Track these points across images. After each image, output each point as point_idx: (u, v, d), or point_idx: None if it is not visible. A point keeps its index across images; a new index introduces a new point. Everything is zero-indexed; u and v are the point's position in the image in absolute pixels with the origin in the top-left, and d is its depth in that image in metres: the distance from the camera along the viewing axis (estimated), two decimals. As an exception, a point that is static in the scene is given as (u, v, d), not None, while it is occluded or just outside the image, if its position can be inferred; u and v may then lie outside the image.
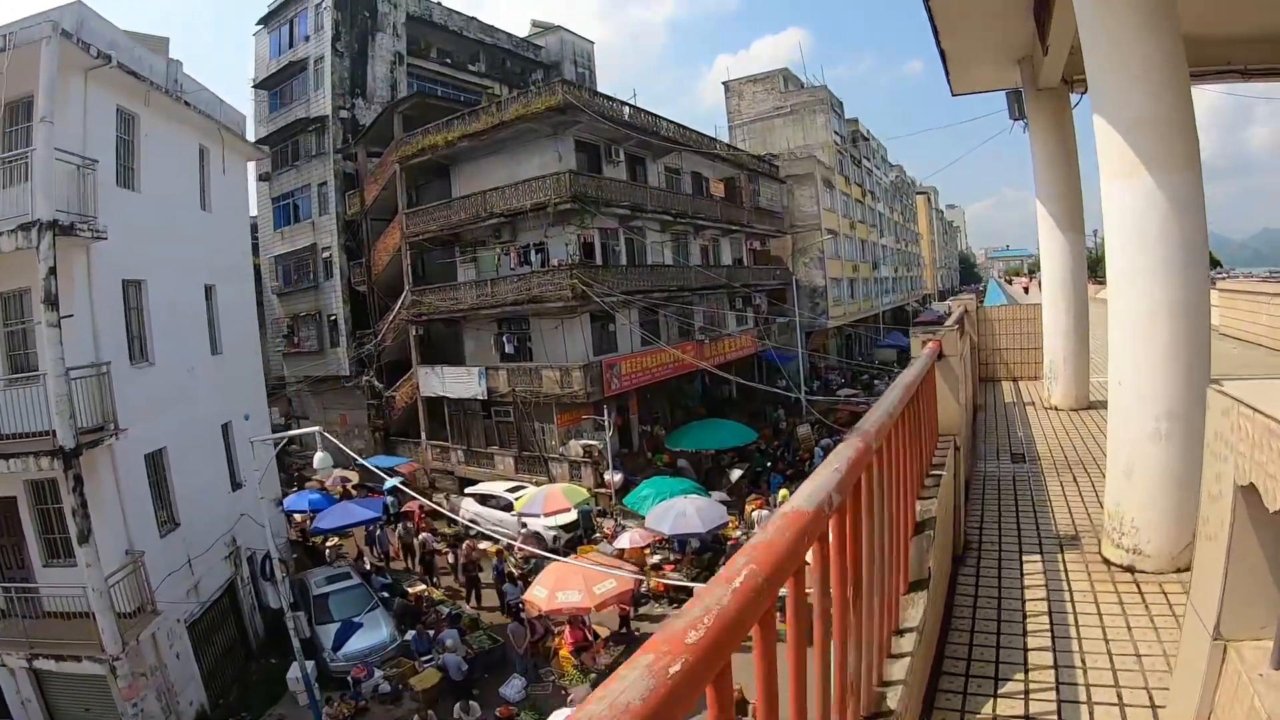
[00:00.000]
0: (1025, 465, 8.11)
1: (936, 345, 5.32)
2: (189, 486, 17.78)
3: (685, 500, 20.45)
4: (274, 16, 38.19)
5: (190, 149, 20.08)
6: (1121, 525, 5.11)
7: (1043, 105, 10.62)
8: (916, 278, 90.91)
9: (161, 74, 18.66)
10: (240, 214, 23.76)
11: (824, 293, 47.60)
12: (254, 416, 21.95)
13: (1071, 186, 10.73)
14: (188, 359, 18.72)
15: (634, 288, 29.77)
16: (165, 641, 15.70)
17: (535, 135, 28.81)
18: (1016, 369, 14.60)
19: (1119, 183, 5.13)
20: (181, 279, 18.65)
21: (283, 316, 39.05)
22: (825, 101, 51.30)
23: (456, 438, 31.84)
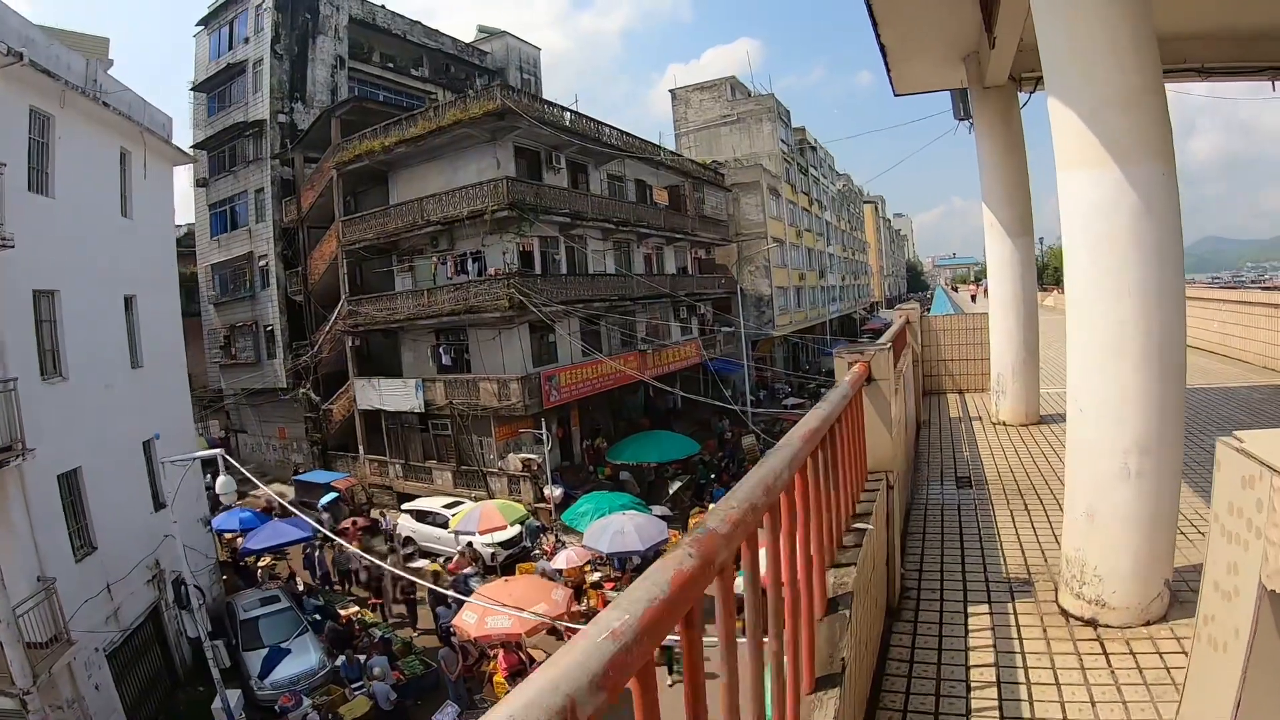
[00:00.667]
0: (971, 491, 7.63)
1: (864, 369, 4.74)
2: (107, 508, 16.81)
3: (623, 517, 19.92)
4: (214, 17, 36.96)
5: (110, 152, 19.17)
6: (1082, 573, 4.52)
7: (989, 104, 10.18)
8: (864, 286, 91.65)
9: (80, 74, 17.67)
10: (164, 221, 22.83)
11: (770, 301, 47.39)
12: (174, 434, 20.84)
13: (1020, 188, 10.28)
14: (105, 374, 17.75)
15: (574, 297, 29.21)
16: (83, 672, 14.81)
17: (474, 141, 28.14)
18: (963, 381, 14.24)
19: (1081, 174, 4.47)
20: (99, 289, 17.77)
21: (219, 327, 37.80)
22: (772, 110, 51.13)
23: (395, 452, 30.97)
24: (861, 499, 4.36)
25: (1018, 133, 10.29)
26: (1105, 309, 4.44)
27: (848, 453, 3.95)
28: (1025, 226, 10.37)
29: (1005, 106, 10.19)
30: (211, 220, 37.51)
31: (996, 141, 10.25)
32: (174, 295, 22.82)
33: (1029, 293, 10.54)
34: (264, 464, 38.07)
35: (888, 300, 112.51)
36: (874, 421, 4.85)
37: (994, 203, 10.34)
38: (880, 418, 4.87)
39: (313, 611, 20.63)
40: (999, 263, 10.50)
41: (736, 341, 41.42)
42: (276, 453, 37.42)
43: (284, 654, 17.61)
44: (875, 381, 4.84)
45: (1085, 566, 4.51)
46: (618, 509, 21.01)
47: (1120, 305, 4.34)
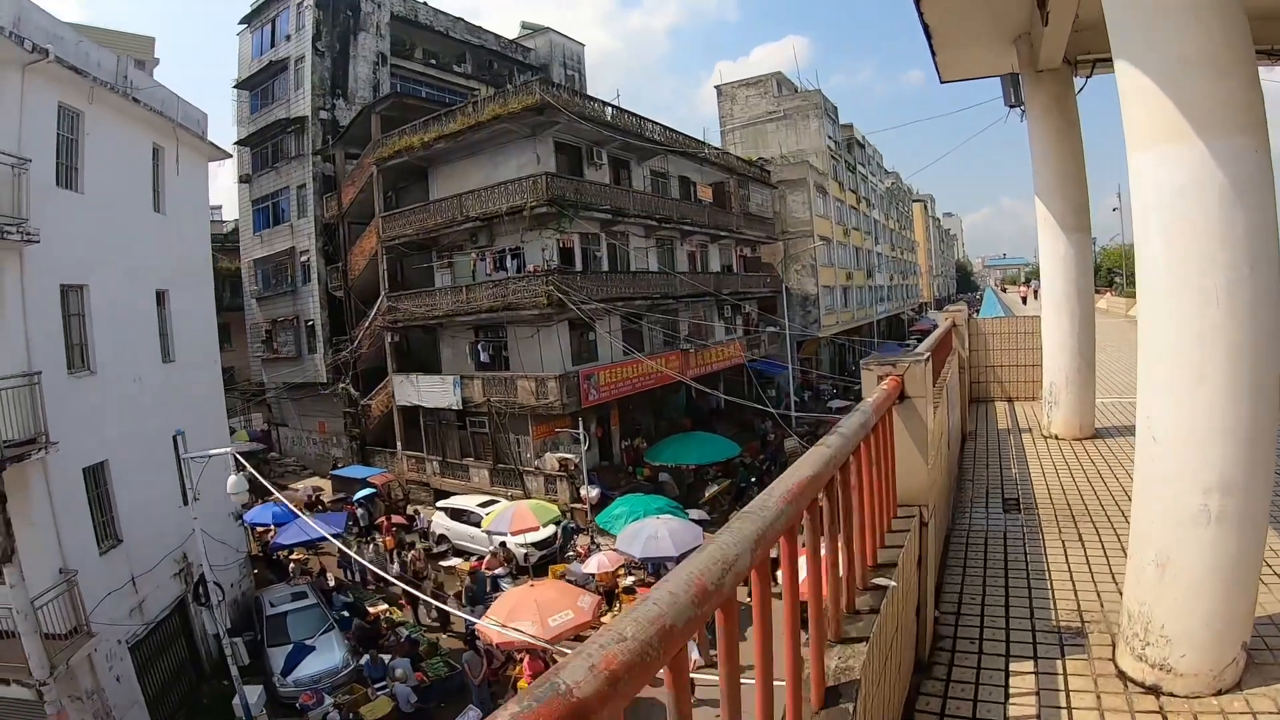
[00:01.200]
0: (1020, 516, 6.77)
1: (895, 385, 4.00)
2: (134, 501, 16.73)
3: (658, 521, 19.23)
4: (256, 15, 37.09)
5: (142, 148, 19.08)
6: (1146, 631, 3.71)
7: (1042, 89, 9.28)
8: (912, 286, 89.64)
9: (110, 71, 17.70)
10: (198, 216, 22.67)
11: (816, 301, 46.28)
12: (207, 428, 20.68)
13: (1075, 181, 9.34)
14: (134, 367, 17.68)
15: (615, 295, 28.55)
16: (104, 664, 14.80)
17: (513, 137, 27.64)
18: (1013, 389, 13.27)
19: (1157, 152, 3.63)
20: (129, 284, 17.71)
21: (262, 321, 37.95)
22: (819, 106, 49.96)
23: (432, 448, 30.63)
24: (887, 541, 3.64)
25: (1073, 120, 9.38)
26: (1186, 317, 3.57)
27: (869, 488, 3.26)
28: (1081, 221, 9.43)
29: (1060, 92, 9.29)
30: (254, 216, 37.68)
31: (1050, 129, 9.33)
32: (208, 290, 22.74)
33: (1085, 294, 9.61)
34: (304, 457, 38.20)
35: (936, 301, 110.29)
36: (906, 447, 4.12)
37: (1047, 195, 9.43)
38: (914, 442, 4.14)
39: (341, 608, 20.44)
40: (1053, 261, 9.56)
41: (781, 342, 40.51)
42: (316, 447, 37.39)
43: (308, 651, 17.41)
44: (909, 399, 4.11)
45: (1150, 624, 3.69)
46: (653, 512, 20.36)
47: (1205, 313, 3.47)
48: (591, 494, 25.07)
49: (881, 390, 3.83)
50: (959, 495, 7.52)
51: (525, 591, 15.84)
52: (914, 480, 4.17)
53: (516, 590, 16.61)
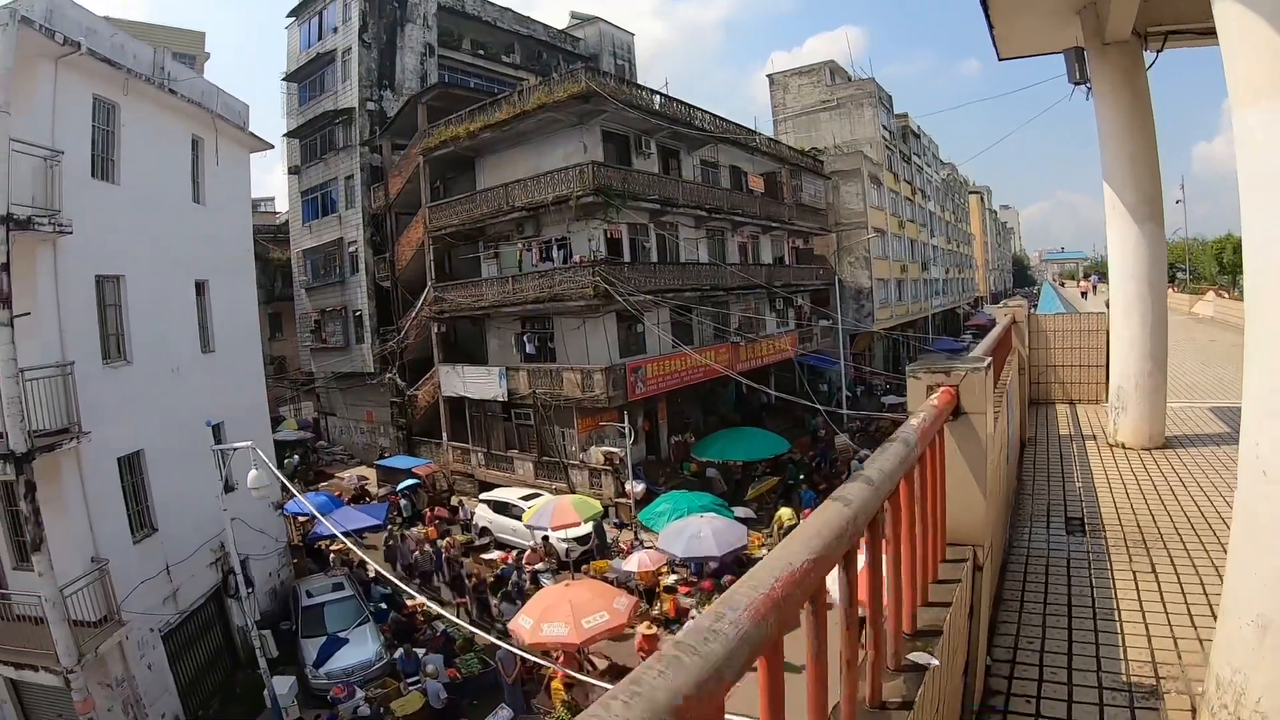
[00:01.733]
0: (1084, 538, 5.96)
1: (948, 397, 3.29)
2: (170, 491, 16.64)
3: (701, 520, 18.56)
4: (304, 8, 37.14)
5: (180, 140, 19.09)
6: (1239, 704, 2.92)
7: (1110, 64, 8.40)
8: (969, 279, 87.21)
9: (147, 63, 17.70)
10: (239, 207, 22.52)
11: (869, 294, 45.07)
12: (248, 418, 20.61)
13: (1147, 165, 8.42)
14: (172, 357, 17.62)
15: (663, 286, 27.89)
16: (135, 652, 14.76)
17: (560, 126, 27.13)
18: (1075, 390, 12.28)
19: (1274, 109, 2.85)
20: (168, 274, 17.66)
21: (311, 311, 38.09)
22: (873, 94, 48.59)
23: (477, 439, 30.32)
24: (931, 596, 2.94)
25: (1144, 98, 8.46)
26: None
27: (908, 536, 2.58)
28: (1154, 210, 8.53)
29: (1129, 66, 8.38)
30: (303, 207, 37.80)
31: (1119, 108, 8.44)
32: (250, 280, 22.68)
33: (1157, 291, 8.71)
34: (351, 446, 38.31)
35: (993, 295, 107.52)
36: (960, 475, 3.39)
37: (1117, 181, 8.53)
38: (971, 469, 3.40)
39: (380, 600, 20.27)
40: (1123, 254, 8.67)
41: (834, 335, 39.44)
42: (364, 436, 37.43)
43: (342, 643, 17.28)
44: (966, 415, 3.37)
45: (1245, 696, 2.91)
46: (696, 510, 19.69)
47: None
48: (636, 489, 24.51)
49: (931, 406, 3.10)
50: (1016, 511, 6.72)
51: (560, 591, 15.32)
52: (969, 516, 3.45)
53: (552, 589, 16.12)
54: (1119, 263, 8.81)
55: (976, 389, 3.37)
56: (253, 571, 19.81)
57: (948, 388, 3.34)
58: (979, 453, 3.38)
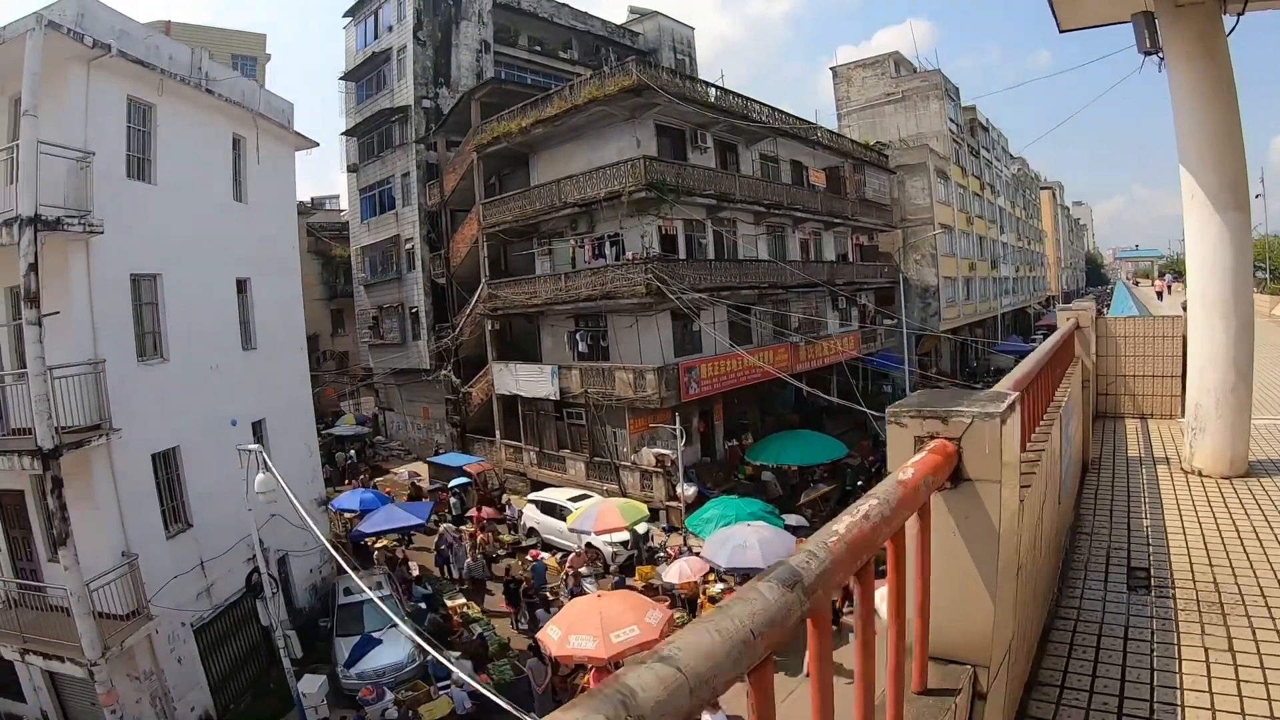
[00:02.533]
0: (1149, 597, 4.75)
1: (943, 455, 2.29)
2: (207, 487, 16.57)
3: (748, 529, 17.54)
4: (360, 8, 37.14)
5: (220, 139, 19.02)
6: None
7: (1184, 28, 7.09)
8: (1039, 278, 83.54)
9: (185, 64, 17.70)
10: (283, 204, 22.48)
11: (936, 293, 43.29)
12: (291, 415, 20.97)
13: (1231, 143, 7.09)
14: (211, 355, 17.54)
15: (720, 284, 26.90)
16: (165, 646, 14.83)
17: (612, 120, 26.32)
18: (1147, 404, 10.80)
19: None
20: (207, 272, 17.56)
21: (369, 307, 38.07)
22: (939, 86, 46.65)
23: (529, 438, 29.75)
24: None
25: (1225, 67, 7.09)
26: None
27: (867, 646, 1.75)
28: (1239, 197, 7.12)
29: (1206, 31, 7.02)
30: (362, 204, 37.79)
31: (1196, 80, 7.11)
32: (294, 277, 22.58)
33: (1243, 292, 7.29)
34: (408, 442, 38.21)
35: (1064, 294, 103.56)
36: (954, 569, 2.37)
37: (1195, 164, 7.18)
38: (974, 559, 2.36)
39: (420, 600, 19.92)
40: (1203, 248, 7.34)
41: (899, 335, 37.84)
42: (420, 432, 37.26)
43: (375, 644, 16.92)
44: (970, 483, 2.35)
45: None
46: (745, 518, 18.69)
47: None
48: (688, 492, 23.63)
49: (911, 469, 2.10)
50: (1070, 557, 5.55)
51: (591, 603, 14.55)
52: (966, 624, 2.43)
53: (582, 600, 15.42)
54: (1198, 259, 7.47)
55: (986, 444, 2.32)
56: (293, 568, 19.95)
57: (944, 440, 2.34)
58: (986, 537, 2.36)
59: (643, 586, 19.64)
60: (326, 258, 46.20)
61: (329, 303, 46.70)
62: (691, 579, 17.83)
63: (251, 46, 45.30)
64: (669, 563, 19.65)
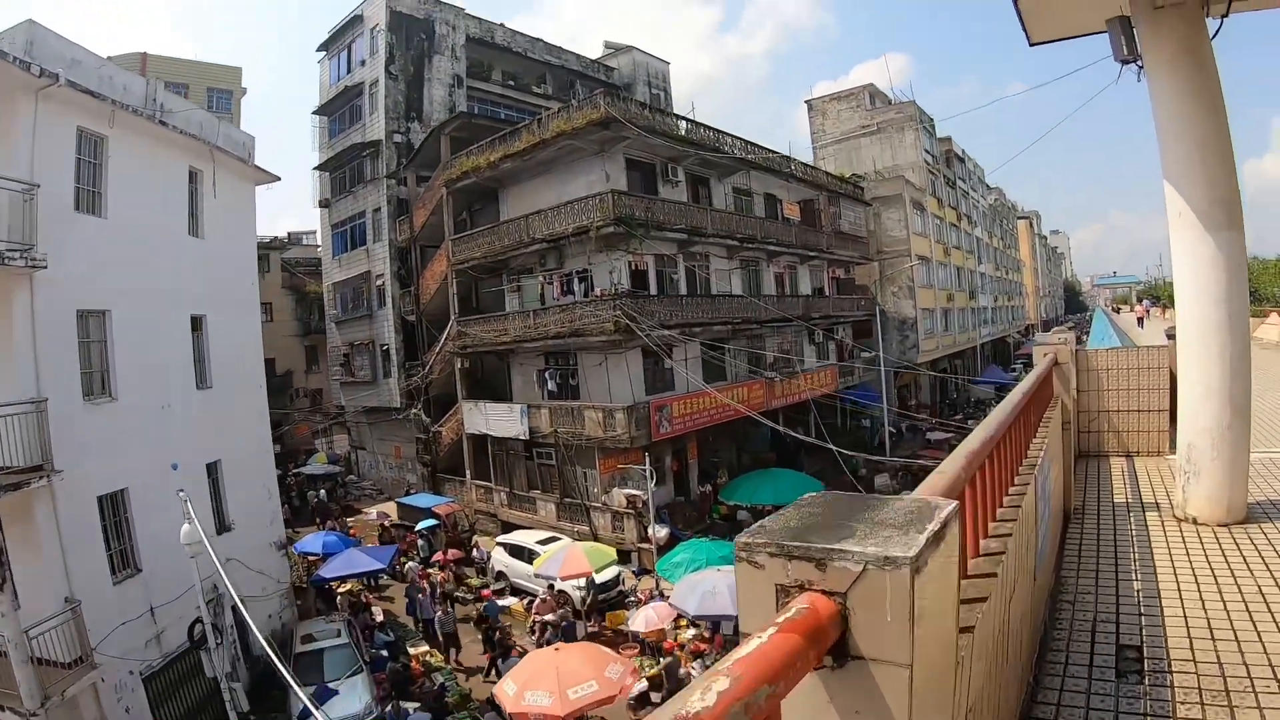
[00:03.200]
0: (1140, 685, 3.95)
1: (817, 617, 1.43)
2: (158, 530, 15.72)
3: (718, 574, 16.75)
4: (333, 42, 36.66)
5: (176, 172, 18.47)
6: None
7: (1166, 32, 6.47)
8: (1018, 307, 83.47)
9: (139, 94, 17.24)
10: (242, 240, 21.84)
11: (914, 324, 42.78)
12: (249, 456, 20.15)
13: (1219, 155, 6.43)
14: (163, 394, 16.85)
15: (692, 319, 26.28)
16: (111, 695, 14.04)
17: (581, 154, 25.77)
18: (1132, 440, 10.09)
19: None
20: (159, 308, 16.90)
21: (340, 344, 37.24)
22: (914, 118, 46.48)
23: (500, 479, 28.89)
24: None
25: (1210, 71, 6.46)
26: None
27: None
28: (1231, 214, 6.44)
29: (1189, 33, 6.41)
30: (334, 240, 37.12)
31: (1180, 86, 6.48)
32: (253, 314, 21.90)
33: (1237, 319, 6.57)
34: (380, 481, 37.26)
35: (1044, 323, 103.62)
36: None
37: (1182, 179, 6.53)
38: None
39: (381, 646, 19.13)
40: (1194, 271, 6.64)
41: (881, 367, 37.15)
42: (392, 471, 36.30)
43: (331, 694, 15.94)
44: (863, 663, 1.54)
45: None
46: (716, 561, 17.95)
47: None
48: (659, 534, 22.89)
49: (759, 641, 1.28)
50: (1050, 629, 4.80)
51: (549, 656, 13.77)
52: None
53: (540, 654, 14.66)
54: (1187, 283, 6.76)
55: (889, 606, 1.49)
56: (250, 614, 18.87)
57: (815, 597, 1.52)
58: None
59: (612, 632, 18.95)
60: (301, 293, 45.42)
61: (303, 339, 45.84)
62: (659, 626, 17.06)
63: (227, 79, 44.94)
64: (639, 607, 18.90)
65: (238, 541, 18.21)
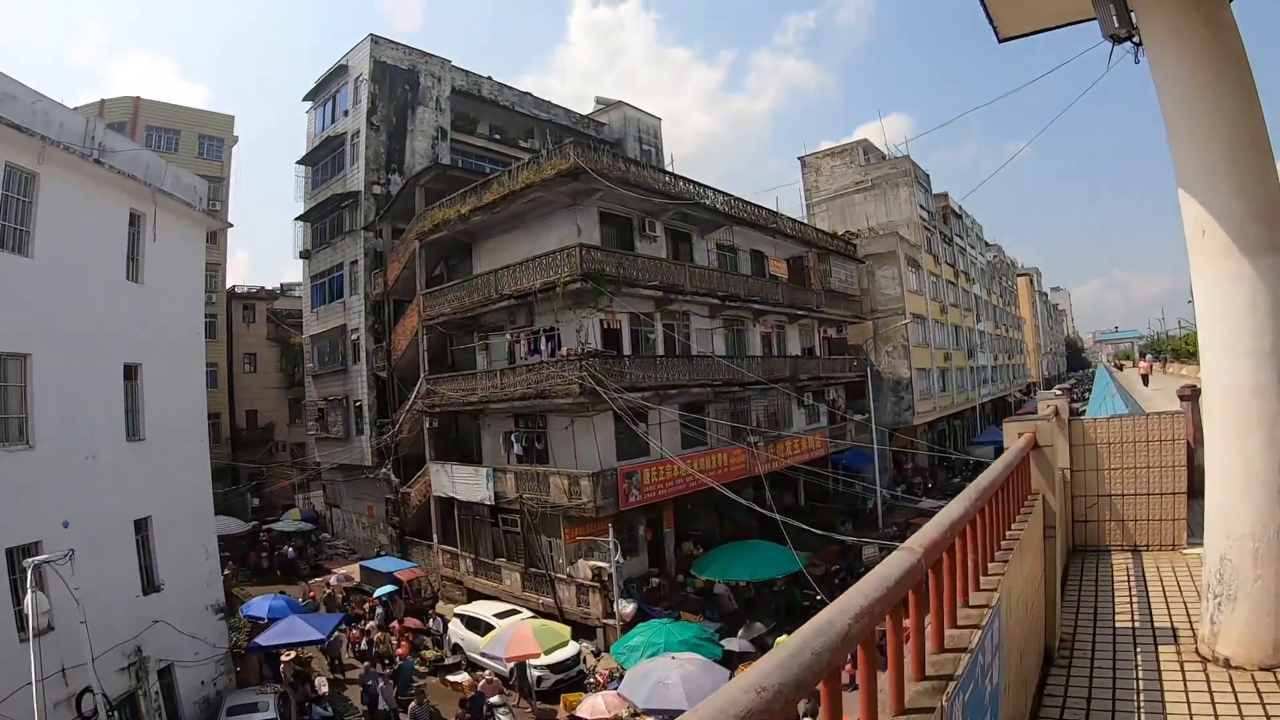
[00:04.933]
0: None
1: None
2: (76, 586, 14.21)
3: (672, 662, 14.92)
4: (319, 92, 35.69)
5: (115, 214, 17.37)
6: None
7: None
8: (1019, 365, 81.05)
9: (76, 132, 16.06)
10: (188, 286, 20.69)
11: (909, 385, 40.83)
12: (186, 512, 18.92)
13: (1253, 148, 4.65)
14: (87, 444, 15.70)
15: (668, 382, 24.54)
16: None
17: (553, 207, 24.36)
18: (1140, 531, 8.21)
19: None
20: (87, 354, 15.88)
21: (317, 399, 35.60)
22: (908, 173, 45.09)
23: (466, 544, 26.94)
24: None
25: (1231, 40, 4.73)
26: None
27: None
28: (1274, 230, 4.60)
29: None
30: (313, 292, 35.75)
31: (1193, 62, 4.76)
32: (197, 363, 20.81)
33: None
34: (354, 541, 35.38)
35: (1045, 380, 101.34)
36: None
37: (1204, 187, 4.79)
38: None
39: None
40: (1223, 313, 4.85)
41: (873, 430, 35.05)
42: (365, 531, 34.39)
43: None
44: None
45: None
46: (675, 646, 16.09)
47: None
48: (626, 609, 20.98)
49: None
50: None
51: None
52: None
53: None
54: (1216, 329, 4.96)
55: None
56: (179, 679, 17.72)
57: None
58: None
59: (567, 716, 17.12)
60: (286, 345, 44.04)
61: (287, 391, 44.34)
62: (606, 717, 15.11)
63: (219, 127, 44.20)
64: (596, 690, 17.01)
65: (167, 603, 17.19)
